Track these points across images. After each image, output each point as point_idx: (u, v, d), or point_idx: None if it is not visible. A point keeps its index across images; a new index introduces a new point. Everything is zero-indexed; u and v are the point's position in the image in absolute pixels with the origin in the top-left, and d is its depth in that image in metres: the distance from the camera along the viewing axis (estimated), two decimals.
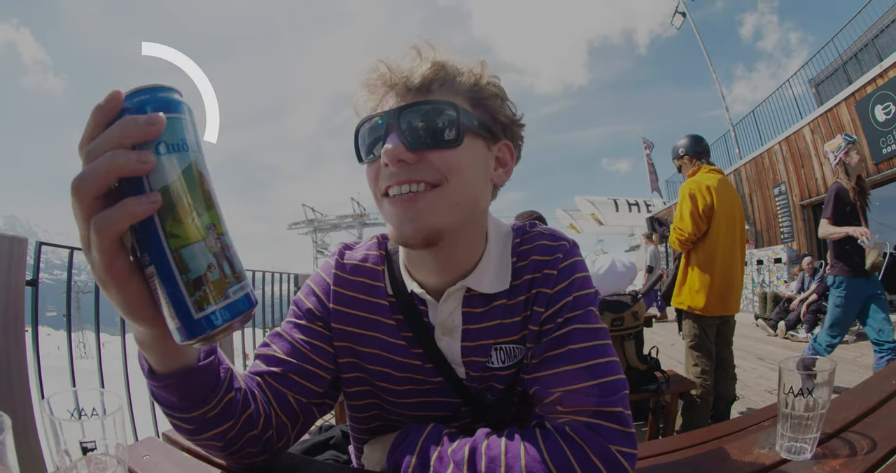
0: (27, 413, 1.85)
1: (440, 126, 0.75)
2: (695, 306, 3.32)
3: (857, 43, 11.13)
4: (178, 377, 0.65)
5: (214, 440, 0.74)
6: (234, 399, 0.74)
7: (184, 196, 0.46)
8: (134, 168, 0.43)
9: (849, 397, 1.07)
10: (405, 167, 0.74)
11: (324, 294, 0.91)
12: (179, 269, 0.46)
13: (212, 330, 0.47)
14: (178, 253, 0.46)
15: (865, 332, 3.73)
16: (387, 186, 0.76)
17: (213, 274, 0.47)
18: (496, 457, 0.70)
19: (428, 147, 0.74)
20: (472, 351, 0.86)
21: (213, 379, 0.70)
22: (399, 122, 0.74)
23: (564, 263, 0.87)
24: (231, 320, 0.48)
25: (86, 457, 0.58)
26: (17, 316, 1.94)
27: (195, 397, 0.69)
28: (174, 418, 0.71)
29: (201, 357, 0.69)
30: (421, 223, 0.75)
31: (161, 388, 0.67)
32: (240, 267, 0.50)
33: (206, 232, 0.47)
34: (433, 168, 0.75)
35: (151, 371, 0.66)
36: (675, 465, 0.87)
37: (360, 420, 0.95)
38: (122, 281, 0.49)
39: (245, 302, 0.50)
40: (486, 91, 0.81)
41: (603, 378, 0.76)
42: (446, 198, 0.76)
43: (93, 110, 0.46)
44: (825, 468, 0.79)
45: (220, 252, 0.48)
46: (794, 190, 11.57)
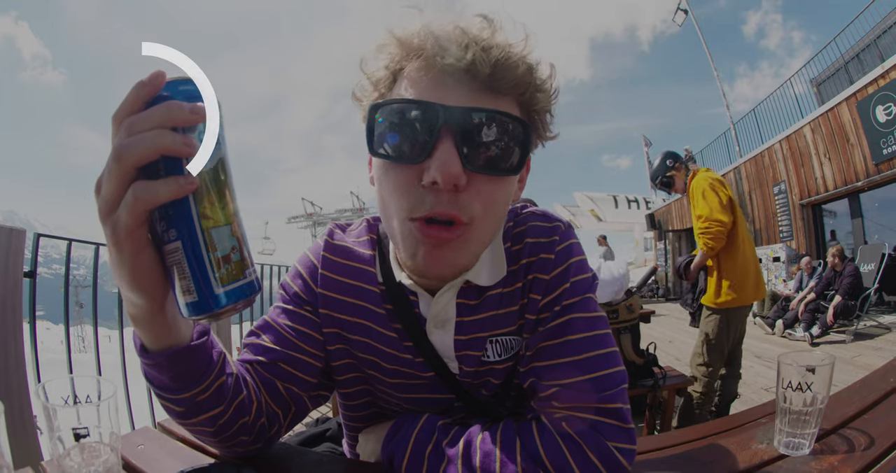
0: (24, 404, 1.85)
1: (505, 148, 0.63)
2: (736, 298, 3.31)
3: (859, 43, 11.11)
4: (170, 355, 0.63)
5: (205, 424, 0.71)
6: (225, 383, 0.71)
7: (215, 183, 0.51)
8: (179, 149, 0.47)
9: (847, 394, 1.06)
10: (454, 192, 0.62)
11: (310, 277, 0.86)
12: (208, 247, 0.50)
13: (228, 305, 0.51)
14: (208, 233, 0.50)
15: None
16: (427, 214, 0.63)
17: (236, 256, 0.52)
18: (491, 452, 0.69)
19: (484, 172, 0.63)
20: (465, 344, 0.82)
21: (205, 361, 0.68)
22: (463, 129, 0.61)
23: (561, 246, 0.81)
24: (242, 299, 0.52)
25: (79, 445, 0.58)
26: (15, 308, 1.94)
27: (186, 377, 0.66)
28: (165, 399, 0.69)
29: (194, 337, 0.67)
30: (450, 262, 0.68)
31: (153, 367, 0.65)
32: (251, 255, 0.55)
33: (232, 218, 0.52)
34: (480, 200, 0.64)
35: (144, 348, 0.64)
36: (672, 460, 0.87)
37: (352, 408, 0.93)
38: (139, 248, 0.51)
39: (253, 286, 0.54)
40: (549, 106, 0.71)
41: (601, 371, 0.73)
42: (480, 236, 0.68)
43: (135, 85, 0.48)
44: (823, 463, 0.78)
45: (241, 238, 0.53)
46: (793, 189, 11.56)
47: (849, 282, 6.90)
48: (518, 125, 0.64)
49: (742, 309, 3.35)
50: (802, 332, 7.03)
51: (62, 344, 2.52)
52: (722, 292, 3.36)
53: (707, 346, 3.34)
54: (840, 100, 9.99)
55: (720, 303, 3.35)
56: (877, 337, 6.67)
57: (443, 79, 0.63)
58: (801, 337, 6.99)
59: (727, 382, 3.44)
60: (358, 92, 0.73)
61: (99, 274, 2.74)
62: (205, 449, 0.87)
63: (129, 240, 0.50)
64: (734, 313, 3.33)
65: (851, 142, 9.68)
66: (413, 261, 0.69)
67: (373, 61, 0.69)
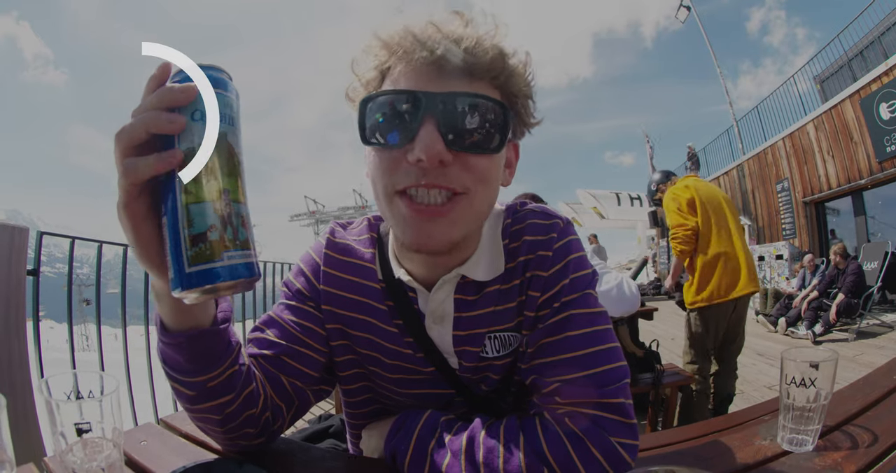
0: (28, 401, 1.86)
1: (487, 127, 0.66)
2: (703, 297, 3.33)
3: (863, 40, 11.07)
4: (189, 336, 0.65)
5: (213, 412, 0.72)
6: (237, 372, 0.72)
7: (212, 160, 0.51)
8: (163, 126, 0.50)
9: (850, 391, 1.06)
10: (439, 167, 0.66)
11: (313, 274, 0.87)
12: (185, 223, 0.50)
13: (200, 286, 0.50)
14: (186, 208, 0.50)
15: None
16: (407, 186, 0.67)
17: (213, 235, 0.50)
18: (494, 447, 0.69)
19: (468, 150, 0.66)
20: (464, 340, 0.83)
21: (222, 346, 0.69)
22: (442, 112, 0.64)
23: (559, 243, 0.82)
24: (221, 281, 0.51)
25: (81, 440, 0.58)
26: (19, 306, 1.94)
27: (202, 360, 0.68)
28: (177, 381, 0.70)
29: (217, 320, 0.69)
30: (444, 237, 0.69)
31: (170, 346, 0.66)
32: (244, 236, 0.53)
33: (217, 194, 0.51)
34: (468, 175, 0.67)
35: (164, 326, 0.66)
36: (676, 456, 0.87)
37: (354, 405, 0.93)
38: (136, 222, 0.54)
39: (242, 270, 0.52)
40: (528, 90, 0.74)
41: (603, 366, 0.74)
42: (472, 209, 0.70)
43: (148, 79, 0.53)
44: (826, 460, 0.78)
45: (227, 216, 0.52)
46: (796, 186, 11.55)
47: (852, 280, 6.88)
48: (495, 105, 0.67)
49: (714, 307, 3.33)
50: (805, 330, 7.01)
51: (67, 342, 2.53)
52: (691, 292, 3.42)
53: (688, 345, 3.40)
54: (843, 97, 9.97)
55: (690, 304, 3.41)
56: (880, 335, 6.65)
57: (422, 71, 0.67)
58: (804, 335, 6.98)
59: (721, 380, 3.43)
60: (351, 93, 0.76)
61: (102, 272, 2.75)
62: (207, 445, 0.87)
63: (126, 213, 0.53)
64: (708, 311, 3.35)
65: (855, 140, 9.66)
66: (405, 237, 0.70)
67: (362, 63, 0.73)
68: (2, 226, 1.91)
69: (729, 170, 14.79)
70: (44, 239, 2.35)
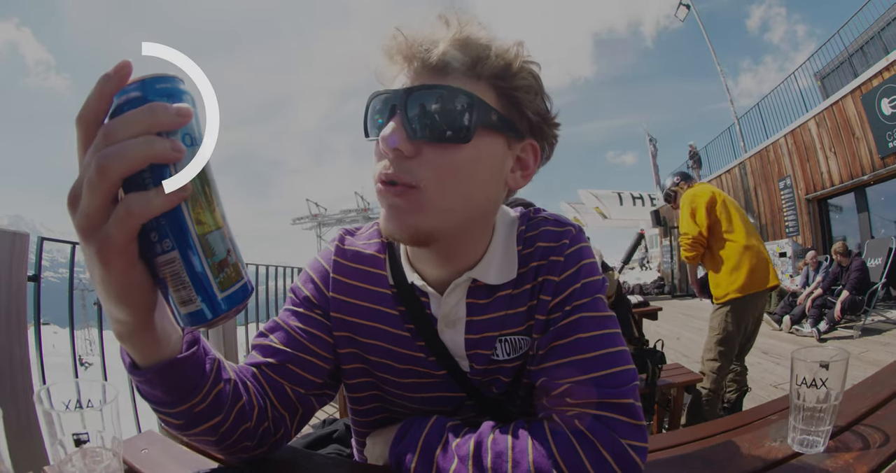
0: (30, 409, 1.85)
1: (449, 117, 0.67)
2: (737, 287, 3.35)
3: (863, 36, 11.05)
4: (161, 369, 0.61)
5: (207, 434, 0.71)
6: (223, 391, 0.70)
7: (205, 186, 0.49)
8: (168, 156, 0.44)
9: (859, 390, 1.05)
10: (401, 158, 0.68)
11: (322, 281, 0.87)
12: (206, 253, 0.49)
13: (230, 309, 0.51)
14: (204, 239, 0.49)
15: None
16: (378, 176, 0.70)
17: (232, 259, 0.51)
18: (503, 452, 0.68)
19: (429, 140, 0.67)
20: (475, 343, 0.84)
21: (198, 371, 0.66)
22: (405, 106, 0.67)
23: (571, 249, 0.83)
24: (240, 302, 0.52)
25: (80, 450, 0.57)
26: (20, 312, 1.93)
27: (180, 389, 0.65)
28: (162, 414, 0.68)
29: (184, 348, 0.64)
30: (405, 223, 0.70)
31: (145, 383, 0.63)
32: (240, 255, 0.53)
33: (223, 220, 0.51)
34: (430, 166, 0.68)
35: (134, 365, 0.63)
36: (685, 458, 0.86)
37: (361, 413, 0.93)
38: (129, 264, 0.48)
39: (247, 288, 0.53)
40: (516, 80, 0.72)
41: (612, 368, 0.73)
42: (436, 202, 0.69)
43: (99, 79, 0.44)
44: (838, 461, 0.77)
45: (232, 239, 0.52)
46: (799, 183, 11.52)
47: (856, 277, 6.86)
48: (457, 94, 0.68)
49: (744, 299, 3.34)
50: (810, 328, 6.99)
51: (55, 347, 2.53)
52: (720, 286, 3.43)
53: (716, 341, 3.36)
54: (845, 93, 9.95)
55: (720, 298, 3.41)
56: (885, 332, 6.63)
57: (401, 68, 0.72)
58: (809, 332, 6.96)
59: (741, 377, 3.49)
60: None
61: None
62: (210, 454, 0.86)
63: (119, 258, 0.47)
64: (738, 304, 3.34)
65: (857, 136, 9.64)
66: (381, 225, 0.73)
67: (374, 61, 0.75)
68: (2, 231, 1.91)
69: (731, 168, 14.78)
70: (48, 244, 2.36)
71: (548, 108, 0.77)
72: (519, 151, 0.77)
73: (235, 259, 0.51)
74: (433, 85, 0.68)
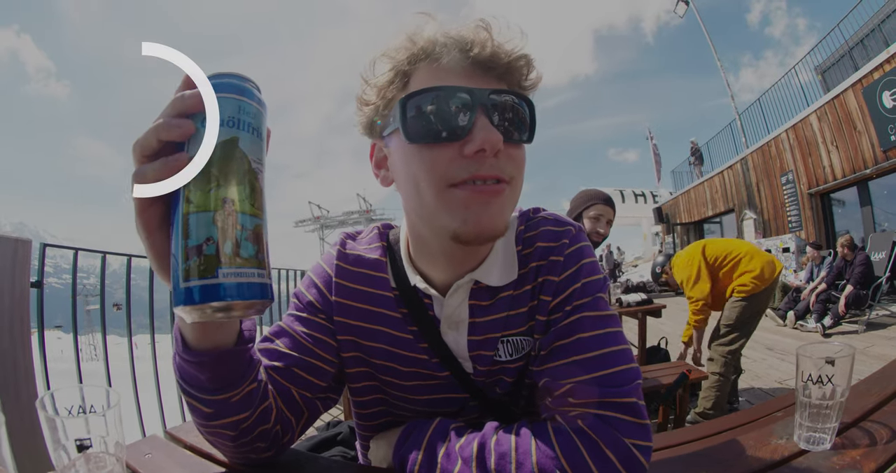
0: (33, 414, 1.85)
1: (522, 120, 0.72)
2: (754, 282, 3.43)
3: (863, 28, 11.01)
4: (214, 356, 0.64)
5: (228, 428, 0.72)
6: (255, 389, 0.72)
7: (212, 165, 0.48)
8: (171, 132, 0.50)
9: (865, 386, 1.04)
10: (493, 157, 0.69)
11: (325, 286, 0.88)
12: (183, 234, 0.47)
13: (189, 304, 0.47)
14: (186, 218, 0.48)
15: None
16: (465, 178, 0.68)
17: (209, 248, 0.47)
18: (506, 453, 0.68)
19: (512, 141, 0.71)
20: (478, 344, 0.84)
21: (244, 365, 0.69)
22: (491, 107, 0.68)
23: (571, 249, 0.83)
24: (214, 301, 0.47)
25: (84, 455, 0.57)
26: (23, 318, 1.94)
27: (224, 379, 0.67)
28: (195, 399, 0.69)
29: (242, 339, 0.68)
30: (500, 218, 0.71)
31: (193, 365, 0.65)
32: (249, 253, 0.49)
33: (219, 203, 0.48)
34: (512, 164, 0.71)
35: (185, 343, 0.64)
36: (691, 457, 0.85)
37: (365, 417, 0.93)
38: (150, 232, 0.53)
39: (243, 290, 0.48)
40: (535, 86, 0.77)
41: (614, 367, 0.73)
42: (514, 196, 0.74)
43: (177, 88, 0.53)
44: (845, 458, 0.76)
45: (228, 228, 0.47)
46: (801, 178, 11.49)
47: (860, 272, 6.83)
48: (525, 101, 0.72)
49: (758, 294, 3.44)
50: (814, 323, 6.97)
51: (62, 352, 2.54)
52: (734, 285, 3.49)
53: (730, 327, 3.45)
54: (846, 86, 9.91)
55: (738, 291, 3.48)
56: (889, 326, 6.61)
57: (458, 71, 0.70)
58: (813, 328, 6.94)
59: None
60: (365, 96, 0.76)
61: (107, 283, 2.76)
62: (213, 457, 0.86)
63: (140, 222, 0.53)
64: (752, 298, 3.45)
65: (858, 130, 9.61)
66: (466, 225, 0.70)
67: (378, 67, 0.74)
68: (5, 238, 1.91)
69: (733, 164, 14.75)
70: (51, 250, 2.36)
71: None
72: None
73: (217, 251, 0.47)
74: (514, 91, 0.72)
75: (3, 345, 1.82)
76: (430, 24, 0.71)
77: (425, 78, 0.70)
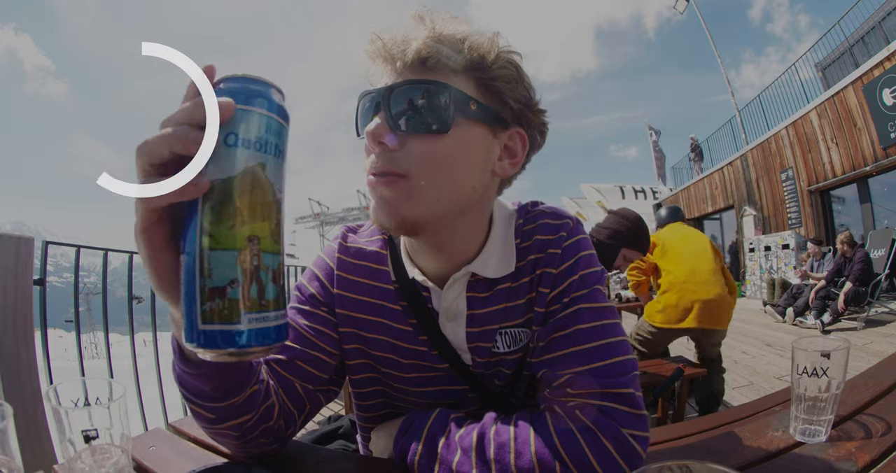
0: (38, 410, 1.87)
1: (428, 110, 0.69)
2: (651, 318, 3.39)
3: (863, 26, 10.99)
4: (217, 367, 0.63)
5: (231, 430, 0.73)
6: (258, 391, 0.72)
7: (236, 195, 0.43)
8: (185, 145, 0.43)
9: (861, 380, 1.05)
10: (388, 151, 0.70)
11: (327, 278, 0.88)
12: (202, 272, 0.42)
13: (211, 348, 0.43)
14: (206, 254, 0.42)
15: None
16: (367, 171, 0.73)
17: (234, 292, 0.42)
18: (505, 443, 0.68)
19: (412, 132, 0.69)
20: (477, 336, 0.85)
21: (246, 371, 0.69)
22: (388, 102, 0.70)
23: (569, 241, 0.84)
24: (235, 348, 0.43)
25: (89, 447, 0.58)
26: (26, 315, 1.95)
27: (227, 387, 0.67)
28: (198, 406, 0.69)
29: None
30: (394, 212, 0.71)
31: (194, 377, 0.64)
32: (272, 296, 0.45)
33: (244, 243, 0.43)
34: (412, 157, 0.70)
35: (185, 357, 0.63)
36: (687, 449, 0.86)
37: (366, 408, 0.94)
38: (154, 251, 0.49)
39: (265, 335, 0.45)
40: (494, 70, 0.73)
41: (612, 358, 0.74)
42: (422, 192, 0.71)
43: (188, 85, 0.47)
44: (840, 450, 0.77)
45: (253, 270, 0.43)
46: (801, 175, 11.47)
47: (859, 268, 6.83)
48: (432, 87, 0.70)
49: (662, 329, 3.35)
50: (813, 320, 6.99)
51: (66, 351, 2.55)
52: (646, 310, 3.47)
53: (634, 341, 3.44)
54: (846, 83, 9.89)
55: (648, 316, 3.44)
56: (888, 323, 6.62)
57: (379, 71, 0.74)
58: (813, 324, 6.95)
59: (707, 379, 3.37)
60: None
61: (109, 281, 2.76)
62: (216, 449, 0.87)
63: (143, 238, 0.48)
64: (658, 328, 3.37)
65: (858, 127, 9.59)
66: (372, 215, 0.74)
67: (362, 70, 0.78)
68: (7, 236, 1.92)
69: (733, 161, 14.73)
70: (51, 248, 2.37)
71: (530, 96, 0.79)
72: (506, 140, 0.78)
73: (241, 296, 0.43)
74: (410, 80, 0.70)
75: (6, 343, 1.83)
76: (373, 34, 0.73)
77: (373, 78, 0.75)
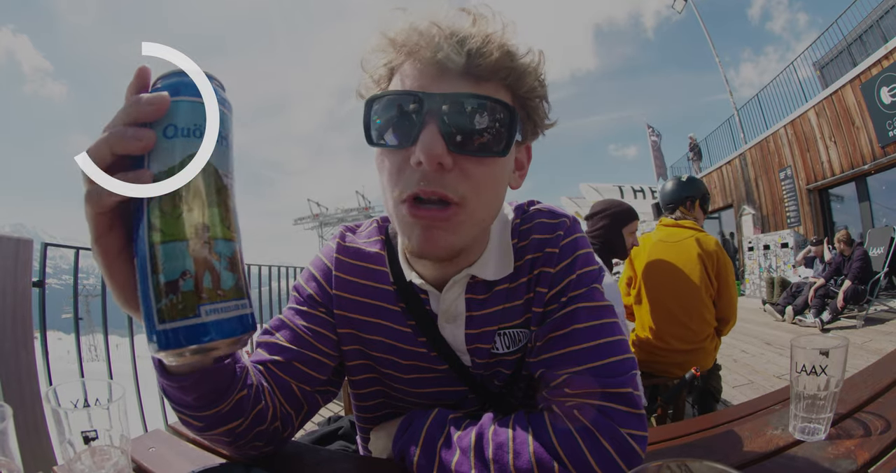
0: (37, 412, 1.86)
1: (490, 130, 0.64)
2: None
3: (861, 24, 11.00)
4: (195, 378, 0.63)
5: (223, 436, 0.73)
6: (246, 396, 0.72)
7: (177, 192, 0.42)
8: (126, 145, 0.42)
9: (861, 378, 1.05)
10: (440, 171, 0.63)
11: (325, 279, 0.88)
12: (153, 268, 0.41)
13: (171, 348, 0.41)
14: (155, 249, 0.41)
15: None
16: (412, 193, 0.65)
17: (187, 284, 0.41)
18: (504, 443, 0.68)
19: (471, 153, 0.64)
20: (476, 338, 0.84)
21: (229, 378, 0.68)
22: (445, 114, 0.63)
23: (566, 240, 0.83)
24: (197, 344, 0.41)
25: (89, 448, 0.58)
26: (25, 317, 1.94)
27: (210, 396, 0.67)
28: (185, 415, 0.69)
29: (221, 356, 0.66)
30: (445, 245, 0.68)
31: (178, 389, 0.64)
32: (230, 284, 0.44)
33: (194, 231, 0.42)
34: (465, 183, 0.65)
35: (165, 370, 0.63)
36: (687, 448, 0.86)
37: (365, 409, 0.94)
38: (109, 260, 0.47)
39: (227, 326, 0.43)
40: (536, 89, 0.71)
41: (610, 358, 0.73)
42: (474, 216, 0.68)
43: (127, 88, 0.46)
44: (840, 448, 0.77)
45: (206, 259, 0.42)
46: (799, 174, 11.48)
47: (858, 267, 6.84)
48: (499, 106, 0.65)
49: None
50: (813, 318, 6.99)
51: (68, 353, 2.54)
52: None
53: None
54: (844, 82, 9.91)
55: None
56: (887, 321, 6.62)
57: (426, 71, 0.65)
58: (812, 323, 6.95)
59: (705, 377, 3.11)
60: (362, 90, 0.74)
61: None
62: (216, 450, 0.87)
63: (97, 248, 0.46)
64: None
65: (857, 125, 9.61)
66: (410, 243, 0.69)
67: (372, 61, 0.71)
68: (6, 238, 1.92)
69: (731, 160, 14.73)
70: (50, 250, 2.36)
71: (547, 111, 0.76)
72: (518, 153, 0.78)
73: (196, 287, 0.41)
74: (478, 95, 0.64)
75: (6, 345, 1.83)
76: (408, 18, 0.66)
77: (399, 77, 0.68)
